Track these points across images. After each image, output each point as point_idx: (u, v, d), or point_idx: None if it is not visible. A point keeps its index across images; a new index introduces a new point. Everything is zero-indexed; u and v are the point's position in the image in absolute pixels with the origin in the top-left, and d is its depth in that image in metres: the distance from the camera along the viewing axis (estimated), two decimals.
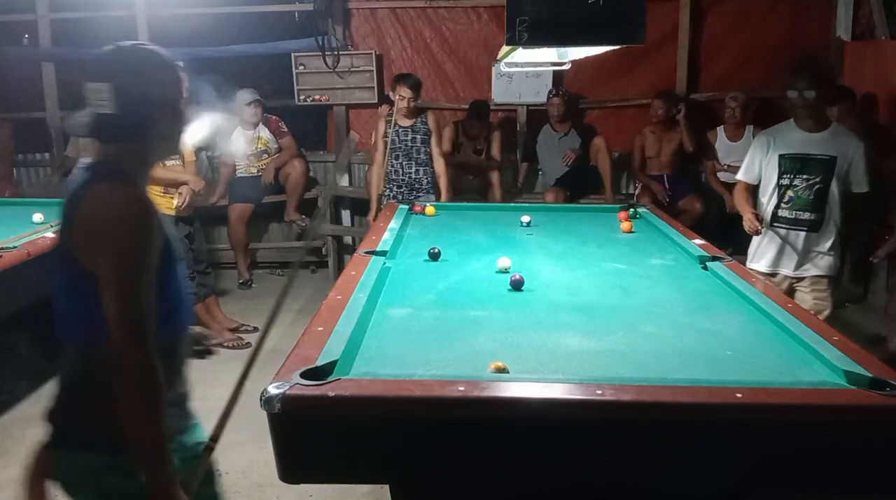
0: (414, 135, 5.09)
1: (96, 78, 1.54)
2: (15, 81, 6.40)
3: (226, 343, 4.57)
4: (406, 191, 5.15)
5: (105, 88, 1.53)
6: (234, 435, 3.53)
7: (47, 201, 4.84)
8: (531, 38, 2.11)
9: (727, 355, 2.10)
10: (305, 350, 1.98)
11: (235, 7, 6.39)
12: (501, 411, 1.74)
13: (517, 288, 2.72)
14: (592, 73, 6.13)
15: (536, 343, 2.22)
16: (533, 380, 1.84)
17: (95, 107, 1.54)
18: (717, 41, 6.13)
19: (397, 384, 1.79)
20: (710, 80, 6.13)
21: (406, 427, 1.75)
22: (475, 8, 6.26)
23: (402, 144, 5.09)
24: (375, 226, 3.90)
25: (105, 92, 1.54)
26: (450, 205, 4.74)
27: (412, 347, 2.16)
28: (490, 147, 5.93)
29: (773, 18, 6.02)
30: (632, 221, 3.93)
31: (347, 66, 6.15)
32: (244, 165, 5.82)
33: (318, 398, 1.71)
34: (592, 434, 1.73)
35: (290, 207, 5.89)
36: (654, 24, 4.79)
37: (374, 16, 6.35)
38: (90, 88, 1.54)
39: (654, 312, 2.51)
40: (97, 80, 1.54)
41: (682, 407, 1.58)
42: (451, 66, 6.39)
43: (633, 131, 6.04)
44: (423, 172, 5.15)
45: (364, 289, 2.57)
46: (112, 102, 1.54)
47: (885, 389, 1.75)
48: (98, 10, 6.22)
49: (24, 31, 6.59)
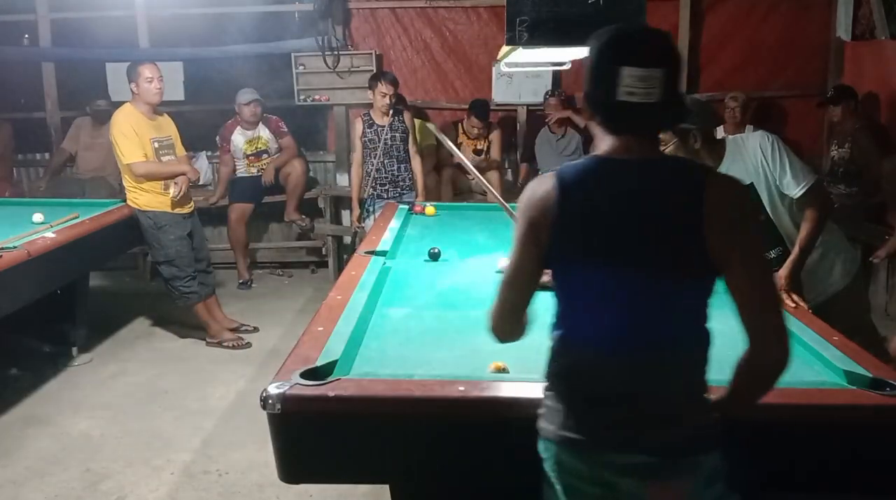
0: (393, 133, 5.06)
1: (662, 64, 1.40)
2: (15, 81, 6.40)
3: (225, 343, 4.57)
4: (390, 188, 5.13)
5: (669, 74, 1.41)
6: (234, 435, 3.56)
7: (47, 201, 4.86)
8: (531, 38, 2.12)
9: (728, 355, 2.10)
10: (305, 350, 1.98)
11: (235, 7, 6.39)
12: (501, 412, 1.74)
13: None
14: None
15: (536, 343, 2.21)
16: (533, 380, 1.84)
17: (650, 95, 1.39)
18: (717, 41, 6.12)
19: (397, 384, 1.79)
20: (710, 80, 6.12)
21: (406, 427, 1.75)
22: (475, 8, 6.26)
23: (383, 142, 5.06)
24: (375, 226, 3.90)
25: (670, 78, 1.41)
26: (450, 205, 4.75)
27: (412, 347, 2.16)
28: (490, 147, 5.94)
29: (773, 18, 6.02)
30: None
31: (347, 66, 6.15)
32: (244, 165, 5.83)
33: (318, 398, 1.71)
34: None
35: (290, 207, 5.88)
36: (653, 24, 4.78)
37: (374, 16, 6.34)
38: (650, 75, 1.39)
39: None
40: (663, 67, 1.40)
41: None
42: (451, 66, 6.39)
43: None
44: (404, 169, 5.15)
45: (364, 289, 2.58)
46: (676, 88, 1.44)
47: (885, 389, 1.76)
48: (98, 10, 6.22)
49: (24, 31, 6.58)
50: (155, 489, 3.04)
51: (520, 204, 1.51)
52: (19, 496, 3.00)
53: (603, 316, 1.44)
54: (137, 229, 4.40)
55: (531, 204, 1.47)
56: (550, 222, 1.44)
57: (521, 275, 1.52)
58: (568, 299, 1.50)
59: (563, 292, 1.51)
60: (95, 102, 5.96)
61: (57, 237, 3.76)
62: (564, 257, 1.46)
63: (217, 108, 6.27)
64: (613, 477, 1.42)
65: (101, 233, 4.13)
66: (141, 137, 4.20)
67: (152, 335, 4.85)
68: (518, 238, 1.50)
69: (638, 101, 1.39)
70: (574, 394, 1.48)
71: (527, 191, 1.50)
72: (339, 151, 6.45)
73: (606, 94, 1.41)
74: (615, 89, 1.39)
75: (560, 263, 1.48)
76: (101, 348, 4.59)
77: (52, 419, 3.64)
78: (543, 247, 1.46)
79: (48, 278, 3.80)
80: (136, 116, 4.23)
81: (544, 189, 1.46)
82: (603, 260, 1.43)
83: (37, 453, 3.32)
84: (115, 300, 5.50)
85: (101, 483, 3.08)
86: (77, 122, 6.11)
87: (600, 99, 1.45)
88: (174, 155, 4.40)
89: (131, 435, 3.48)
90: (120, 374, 4.21)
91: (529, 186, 1.51)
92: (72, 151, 6.10)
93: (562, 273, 1.49)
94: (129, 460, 3.26)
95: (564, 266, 1.48)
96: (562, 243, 1.44)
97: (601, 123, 1.48)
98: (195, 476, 3.13)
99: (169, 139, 4.38)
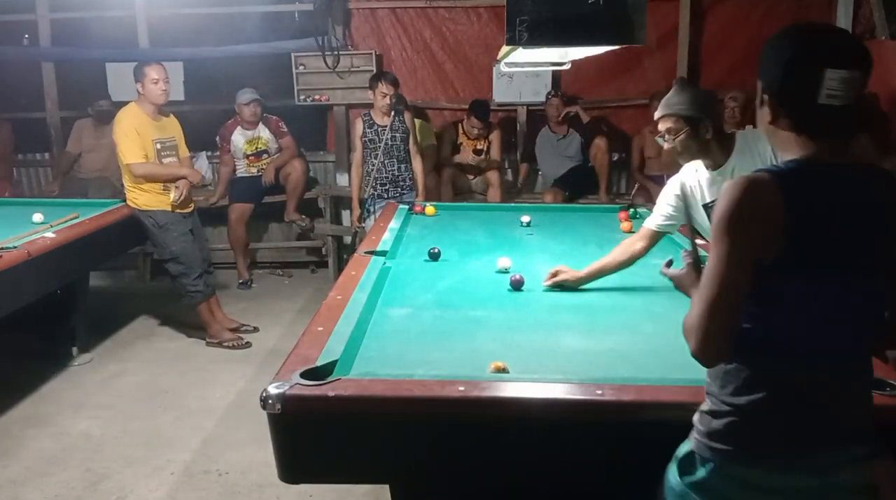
0: (393, 133, 5.01)
1: (861, 66, 1.37)
2: (15, 81, 6.40)
3: (226, 343, 4.57)
4: (391, 188, 5.10)
5: (866, 76, 1.37)
6: (234, 435, 3.56)
7: (47, 201, 4.86)
8: (531, 38, 2.11)
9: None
10: (305, 350, 1.97)
11: (235, 7, 6.40)
12: (501, 412, 1.74)
13: (517, 288, 2.72)
14: (592, 74, 6.13)
15: (536, 343, 2.22)
16: (533, 380, 1.84)
17: (849, 97, 1.35)
18: (717, 41, 6.13)
19: (397, 384, 1.79)
20: (710, 80, 6.11)
21: (406, 427, 1.75)
22: (475, 8, 6.26)
23: (384, 143, 5.02)
24: (375, 226, 3.90)
25: (865, 80, 1.37)
26: (450, 205, 4.75)
27: (412, 347, 2.16)
28: (490, 147, 5.93)
29: (773, 18, 6.01)
30: (632, 221, 3.93)
31: (347, 66, 6.15)
32: (244, 165, 5.83)
33: (318, 398, 1.71)
34: (592, 434, 1.74)
35: (290, 207, 5.89)
36: (654, 24, 4.79)
37: (374, 16, 6.34)
38: (852, 77, 1.35)
39: (654, 312, 2.50)
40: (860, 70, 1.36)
41: (683, 407, 1.58)
42: (451, 66, 6.39)
43: (634, 131, 6.05)
44: (404, 168, 5.12)
45: (364, 289, 2.58)
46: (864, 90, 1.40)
47: (885, 389, 1.75)
48: (98, 10, 6.22)
49: (24, 31, 6.58)
50: (155, 489, 3.04)
51: (726, 214, 1.36)
52: (19, 496, 3.00)
53: (826, 326, 1.40)
54: (137, 229, 4.41)
55: (749, 215, 1.35)
56: (778, 233, 1.34)
57: (735, 291, 1.37)
58: (782, 308, 1.40)
59: (777, 303, 1.40)
60: (97, 102, 5.97)
61: (57, 237, 3.76)
62: (789, 268, 1.36)
63: (217, 108, 6.27)
64: (828, 477, 1.42)
65: (101, 233, 4.14)
66: (143, 137, 4.20)
67: (152, 335, 4.85)
68: (728, 252, 1.36)
69: (838, 104, 1.35)
70: (784, 408, 1.42)
71: (732, 200, 1.36)
72: (338, 151, 6.45)
73: (806, 96, 1.36)
74: (817, 92, 1.34)
75: (783, 274, 1.37)
76: (101, 348, 4.59)
77: (52, 418, 3.64)
78: (764, 259, 1.36)
79: (48, 278, 3.80)
80: (140, 116, 4.23)
81: (764, 198, 1.35)
82: (834, 269, 1.38)
83: (37, 453, 3.32)
84: (115, 300, 5.50)
85: (101, 483, 3.08)
86: (78, 123, 6.11)
87: (798, 102, 1.39)
88: (177, 157, 4.40)
89: (131, 435, 3.48)
90: (120, 374, 4.22)
91: (731, 196, 1.36)
92: (76, 152, 6.10)
93: (783, 284, 1.38)
94: (129, 460, 3.26)
95: (788, 277, 1.37)
96: (791, 254, 1.35)
97: (794, 126, 1.41)
98: (195, 476, 3.13)
99: (172, 140, 4.39)
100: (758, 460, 1.42)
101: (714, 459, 1.45)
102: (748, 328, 1.40)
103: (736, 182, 1.38)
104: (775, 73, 1.41)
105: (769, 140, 1.49)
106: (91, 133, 6.03)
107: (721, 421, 1.45)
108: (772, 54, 1.42)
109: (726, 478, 1.44)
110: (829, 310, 1.39)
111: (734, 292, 1.37)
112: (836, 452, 1.42)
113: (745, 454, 1.43)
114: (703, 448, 1.47)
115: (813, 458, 1.42)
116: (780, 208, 1.34)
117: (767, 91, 1.43)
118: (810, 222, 1.35)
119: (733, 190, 1.37)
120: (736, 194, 1.36)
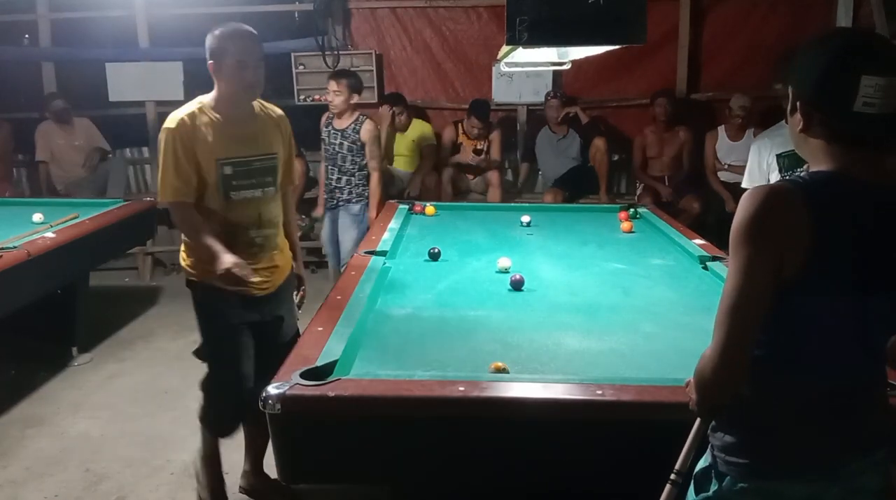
0: (342, 140, 4.68)
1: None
2: (15, 81, 6.39)
3: None
4: (328, 198, 4.84)
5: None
6: (234, 436, 3.54)
7: (47, 201, 4.86)
8: (531, 38, 2.11)
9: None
10: (305, 350, 1.98)
11: (235, 7, 6.38)
12: (501, 412, 1.74)
13: (517, 288, 2.72)
14: (592, 74, 6.13)
15: (536, 343, 2.22)
16: (533, 380, 1.84)
17: (888, 105, 1.30)
18: (717, 41, 6.12)
19: (397, 384, 1.79)
20: (710, 80, 6.12)
21: (406, 427, 1.75)
22: (475, 8, 6.25)
23: (330, 147, 4.72)
24: (376, 226, 3.90)
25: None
26: (450, 205, 4.74)
27: (412, 347, 2.16)
28: (490, 147, 5.93)
29: (773, 18, 6.01)
30: (632, 221, 3.93)
31: (347, 65, 6.14)
32: None
33: (318, 399, 1.71)
34: (592, 434, 1.73)
35: None
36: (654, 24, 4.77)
37: (374, 16, 6.34)
38: (891, 84, 1.29)
39: (654, 312, 2.51)
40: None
41: (683, 407, 1.58)
42: (451, 65, 6.38)
43: (634, 131, 6.05)
44: (344, 181, 4.72)
45: (364, 289, 2.58)
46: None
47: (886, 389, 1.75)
48: (98, 10, 6.22)
49: (24, 31, 6.58)
50: (155, 489, 3.04)
51: (746, 224, 1.31)
52: (19, 496, 3.00)
53: (845, 344, 1.38)
54: (137, 229, 4.39)
55: (772, 225, 1.30)
56: (801, 250, 1.29)
57: (757, 305, 1.32)
58: (800, 328, 1.36)
59: (795, 322, 1.35)
60: (53, 102, 5.82)
61: (57, 237, 3.76)
62: (810, 288, 1.32)
63: None
64: (849, 483, 1.41)
65: (101, 233, 4.13)
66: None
67: (152, 335, 4.84)
68: (749, 264, 1.31)
69: (875, 112, 1.29)
70: (802, 422, 1.40)
71: (754, 210, 1.31)
72: None
73: (841, 103, 1.31)
74: (853, 99, 1.29)
75: (803, 293, 1.32)
76: (101, 348, 4.58)
77: (52, 419, 3.64)
78: (786, 273, 1.31)
79: (48, 278, 3.80)
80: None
81: (788, 211, 1.30)
82: (857, 291, 1.34)
83: (37, 453, 3.32)
84: (115, 300, 5.50)
85: (100, 484, 3.07)
86: (41, 128, 5.91)
87: (832, 108, 1.34)
88: None
89: (131, 435, 3.48)
90: (120, 374, 4.21)
91: (753, 205, 1.31)
92: (47, 159, 5.94)
93: (801, 303, 1.34)
94: (128, 460, 3.25)
95: (807, 296, 1.33)
96: (812, 273, 1.30)
97: (826, 135, 1.36)
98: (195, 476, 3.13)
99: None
100: (777, 471, 1.40)
101: (730, 473, 1.43)
102: (764, 346, 1.37)
103: (757, 190, 1.33)
104: (810, 79, 1.36)
105: (799, 151, 1.44)
106: (59, 135, 5.86)
107: (736, 436, 1.43)
108: (806, 59, 1.37)
109: (744, 491, 1.42)
110: (848, 329, 1.37)
111: (757, 305, 1.32)
112: (857, 460, 1.41)
113: (764, 468, 1.41)
114: (719, 463, 1.45)
115: (833, 468, 1.40)
116: (804, 226, 1.29)
117: (800, 98, 1.38)
118: (836, 244, 1.31)
119: (755, 198, 1.32)
120: (757, 203, 1.31)
